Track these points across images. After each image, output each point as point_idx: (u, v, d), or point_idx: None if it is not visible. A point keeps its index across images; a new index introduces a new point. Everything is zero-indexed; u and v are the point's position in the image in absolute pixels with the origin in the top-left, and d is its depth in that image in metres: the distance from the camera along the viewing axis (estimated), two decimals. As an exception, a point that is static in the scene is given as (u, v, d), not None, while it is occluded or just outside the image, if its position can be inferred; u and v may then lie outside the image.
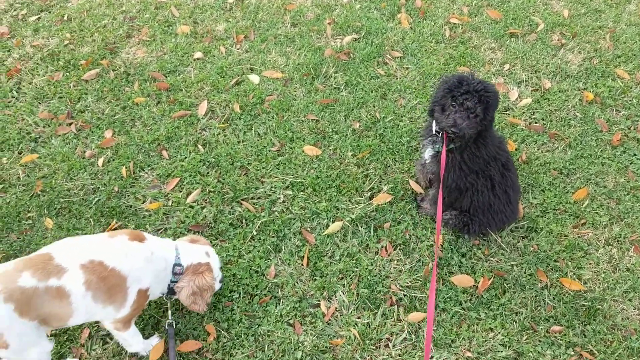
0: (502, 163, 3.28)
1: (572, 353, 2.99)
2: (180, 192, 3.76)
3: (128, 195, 3.75)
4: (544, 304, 3.19)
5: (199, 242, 2.97)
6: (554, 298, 3.21)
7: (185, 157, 3.95)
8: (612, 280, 3.29)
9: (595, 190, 3.72)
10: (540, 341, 3.04)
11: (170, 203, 3.69)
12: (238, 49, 4.78)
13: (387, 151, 3.96)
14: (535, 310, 3.16)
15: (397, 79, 4.50)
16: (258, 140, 4.05)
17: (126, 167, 3.87)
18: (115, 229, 3.52)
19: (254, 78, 4.49)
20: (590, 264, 3.37)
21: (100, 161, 3.93)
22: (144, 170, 3.90)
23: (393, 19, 5.04)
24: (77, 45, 4.83)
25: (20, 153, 4.01)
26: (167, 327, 2.93)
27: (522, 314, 3.14)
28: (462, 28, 4.93)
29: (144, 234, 2.72)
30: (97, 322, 2.98)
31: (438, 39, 4.84)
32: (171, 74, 4.57)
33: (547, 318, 3.13)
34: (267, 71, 4.56)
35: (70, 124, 4.20)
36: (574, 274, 3.31)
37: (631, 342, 3.03)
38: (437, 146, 3.26)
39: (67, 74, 4.57)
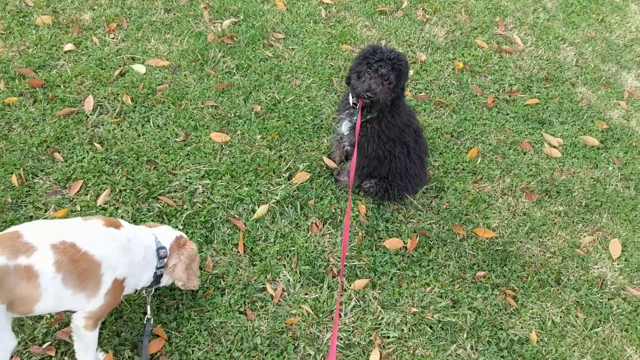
0: (414, 130, 3.52)
1: (498, 293, 3.35)
2: (87, 194, 3.46)
3: (26, 206, 3.36)
4: (465, 254, 3.51)
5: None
6: (472, 247, 3.55)
7: (84, 157, 3.63)
8: (514, 224, 3.72)
9: (483, 148, 4.14)
10: (470, 287, 3.36)
11: (78, 208, 3.39)
12: (113, 39, 4.46)
13: (295, 131, 4.02)
14: (459, 261, 3.48)
15: (286, 60, 4.55)
16: (159, 132, 3.86)
17: (16, 175, 3.46)
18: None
19: (139, 68, 4.24)
20: (494, 213, 3.77)
21: (-19, 172, 3.47)
22: (37, 176, 3.52)
23: (268, 1, 5.06)
24: None
25: None
26: (145, 323, 2.78)
27: (449, 265, 3.44)
28: (335, 8, 5.12)
29: (119, 221, 2.58)
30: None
31: (315, 19, 4.97)
32: (41, 69, 4.13)
33: (470, 266, 3.46)
34: (151, 60, 4.33)
35: None
36: (484, 223, 3.69)
37: (541, 275, 3.47)
38: (355, 118, 3.40)
39: None
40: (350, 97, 3.40)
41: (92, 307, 2.47)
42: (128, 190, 3.50)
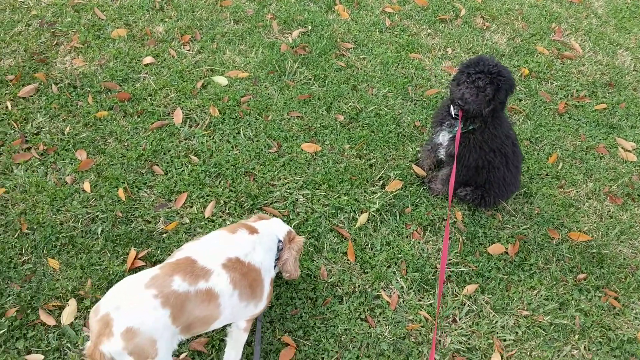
0: (512, 141, 3.61)
1: (600, 294, 3.45)
2: (192, 207, 3.52)
3: (136, 219, 3.42)
4: (563, 257, 3.61)
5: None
6: (568, 250, 3.64)
7: (183, 170, 3.69)
8: (604, 227, 3.82)
9: (562, 154, 4.25)
10: (572, 289, 3.45)
11: (187, 220, 3.44)
12: (189, 50, 4.52)
13: (380, 140, 4.09)
14: (558, 264, 3.57)
15: (359, 69, 4.63)
16: (251, 143, 3.92)
17: (122, 189, 3.50)
18: (137, 257, 3.20)
19: (221, 80, 4.30)
20: (582, 217, 3.87)
21: (87, 186, 3.52)
22: (141, 189, 3.57)
23: (332, 11, 5.13)
24: (-6, 59, 4.18)
25: (-21, 190, 3.41)
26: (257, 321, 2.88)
27: (550, 269, 3.53)
28: (397, 16, 5.20)
29: (254, 226, 2.75)
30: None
31: (380, 28, 5.05)
32: (125, 82, 4.18)
33: (570, 269, 3.56)
34: (230, 72, 4.38)
35: (28, 148, 3.67)
36: (576, 227, 3.79)
37: (637, 277, 3.58)
38: (456, 129, 3.49)
39: (-3, 92, 3.95)
40: (452, 108, 3.48)
41: (257, 310, 2.64)
42: (232, 202, 3.56)
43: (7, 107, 3.87)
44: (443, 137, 3.60)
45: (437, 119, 3.66)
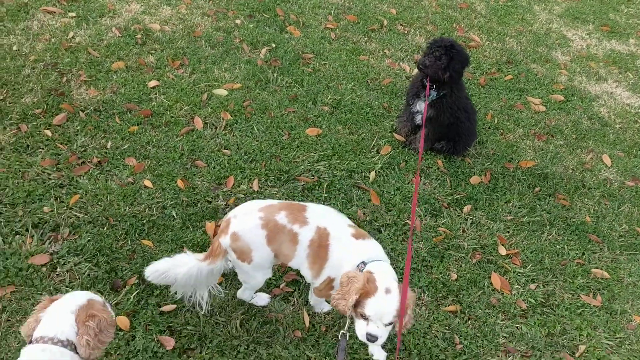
0: (469, 100, 4.80)
1: (553, 198, 4.69)
2: (239, 186, 4.27)
3: (200, 201, 4.11)
4: (520, 179, 4.83)
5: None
6: (522, 174, 4.87)
7: (222, 160, 4.43)
8: (539, 156, 5.13)
9: (493, 112, 5.55)
10: (534, 199, 4.66)
11: (241, 196, 4.19)
12: (183, 73, 5.26)
13: (362, 120, 5.11)
14: (519, 184, 4.78)
15: (324, 72, 5.64)
16: (265, 135, 4.75)
17: (181, 179, 4.18)
18: (218, 226, 3.90)
19: (221, 91, 5.09)
20: (523, 151, 5.15)
21: (148, 183, 4.14)
22: (193, 180, 4.26)
23: (285, 31, 6.13)
24: (14, 99, 4.65)
25: (57, 199, 3.92)
26: (340, 338, 2.82)
27: (514, 188, 4.73)
28: (338, 30, 6.32)
29: (367, 234, 2.98)
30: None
31: (328, 40, 6.13)
32: (141, 102, 4.84)
33: (528, 186, 4.78)
34: (224, 85, 5.19)
35: (83, 162, 4.22)
36: (522, 158, 5.05)
37: (572, 184, 4.88)
38: (431, 96, 4.60)
39: (31, 124, 4.44)
40: (425, 80, 4.60)
41: (313, 285, 3.15)
42: (272, 177, 4.36)
43: (48, 135, 4.37)
44: (420, 106, 4.69)
45: (413, 92, 4.75)
